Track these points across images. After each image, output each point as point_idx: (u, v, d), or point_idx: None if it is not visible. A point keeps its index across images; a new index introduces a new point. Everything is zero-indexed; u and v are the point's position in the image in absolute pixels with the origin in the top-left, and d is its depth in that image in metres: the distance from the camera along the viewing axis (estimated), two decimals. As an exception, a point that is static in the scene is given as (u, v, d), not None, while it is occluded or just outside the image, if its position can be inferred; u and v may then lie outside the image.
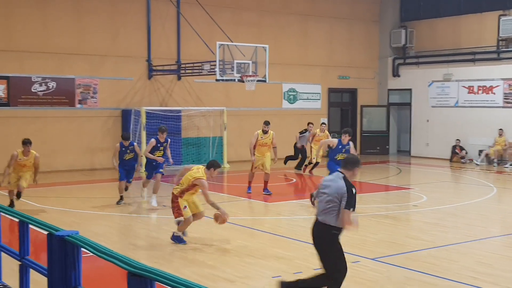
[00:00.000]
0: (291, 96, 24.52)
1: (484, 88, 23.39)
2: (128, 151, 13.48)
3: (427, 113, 25.35)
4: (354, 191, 6.20)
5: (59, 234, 4.30)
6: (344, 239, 10.29)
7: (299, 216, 12.72)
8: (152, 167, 13.53)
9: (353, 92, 26.63)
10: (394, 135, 27.21)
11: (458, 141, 23.74)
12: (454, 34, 24.70)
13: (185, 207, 9.57)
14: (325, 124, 20.22)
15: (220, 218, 9.49)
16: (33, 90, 18.99)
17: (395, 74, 26.49)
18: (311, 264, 8.47)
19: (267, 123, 14.94)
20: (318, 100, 25.35)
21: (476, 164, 22.49)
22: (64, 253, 4.27)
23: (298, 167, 19.87)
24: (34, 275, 5.20)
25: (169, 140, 13.73)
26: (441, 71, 24.70)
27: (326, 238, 6.31)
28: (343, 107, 26.82)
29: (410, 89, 26.01)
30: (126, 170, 13.49)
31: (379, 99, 27.17)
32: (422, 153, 25.17)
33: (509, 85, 22.60)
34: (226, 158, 21.13)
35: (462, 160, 23.31)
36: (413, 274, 8.13)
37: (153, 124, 19.30)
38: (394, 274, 8.15)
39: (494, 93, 23.09)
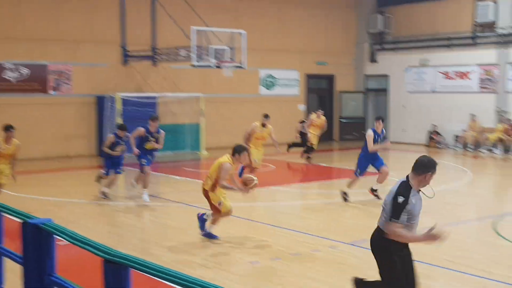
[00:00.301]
0: (269, 83, 24.46)
1: (460, 73, 23.57)
2: (122, 143, 12.42)
3: (403, 99, 25.48)
4: (400, 200, 5.28)
5: (33, 222, 4.22)
6: (321, 224, 10.37)
7: (278, 203, 12.72)
8: (147, 159, 12.29)
9: (330, 78, 26.64)
10: (372, 121, 27.30)
11: (434, 126, 23.93)
12: (431, 19, 24.79)
13: (220, 203, 8.88)
14: (321, 110, 19.73)
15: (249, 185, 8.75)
16: (5, 77, 18.63)
17: (372, 60, 26.56)
18: (289, 250, 8.48)
19: (267, 116, 14.40)
20: (296, 86, 25.32)
21: (455, 150, 22.68)
22: (38, 241, 4.20)
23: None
24: (8, 263, 5.11)
25: (162, 132, 12.42)
26: (417, 57, 24.82)
27: (378, 245, 5.59)
28: (321, 93, 26.83)
29: (387, 75, 26.10)
30: (114, 162, 12.49)
31: (356, 85, 27.23)
32: (399, 138, 25.31)
33: (485, 70, 22.79)
34: (204, 145, 21.02)
35: (439, 145, 23.52)
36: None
37: (129, 111, 19.09)
38: (372, 259, 8.14)
39: (469, 79, 23.28)
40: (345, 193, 12.08)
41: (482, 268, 7.68)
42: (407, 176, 5.43)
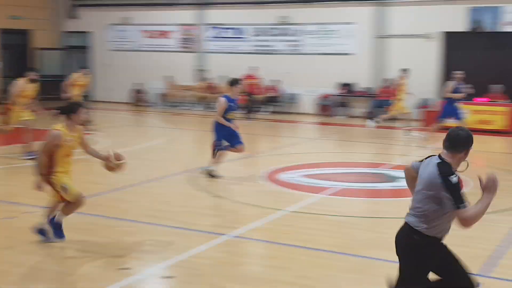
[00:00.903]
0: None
1: (162, 33, 24.10)
2: None
3: (107, 57, 25.12)
4: (454, 179, 4.20)
5: None
6: (16, 189, 9.59)
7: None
8: None
9: (27, 34, 24.80)
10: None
11: (138, 84, 24.14)
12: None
13: (64, 187, 6.68)
14: (88, 68, 17.95)
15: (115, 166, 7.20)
16: None
17: (72, 16, 25.52)
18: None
19: (32, 69, 12.17)
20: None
21: (158, 107, 23.24)
22: None
23: None
24: None
25: None
26: (120, 14, 24.59)
27: (404, 245, 4.51)
28: (16, 49, 24.84)
29: (89, 32, 25.37)
30: None
31: (57, 41, 25.91)
32: (105, 97, 24.91)
33: (185, 30, 23.66)
34: None
35: (142, 104, 23.84)
36: (96, 219, 7.93)
37: None
38: (76, 221, 7.78)
39: (170, 38, 23.96)
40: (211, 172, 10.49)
41: (181, 219, 7.93)
42: (439, 156, 4.40)
